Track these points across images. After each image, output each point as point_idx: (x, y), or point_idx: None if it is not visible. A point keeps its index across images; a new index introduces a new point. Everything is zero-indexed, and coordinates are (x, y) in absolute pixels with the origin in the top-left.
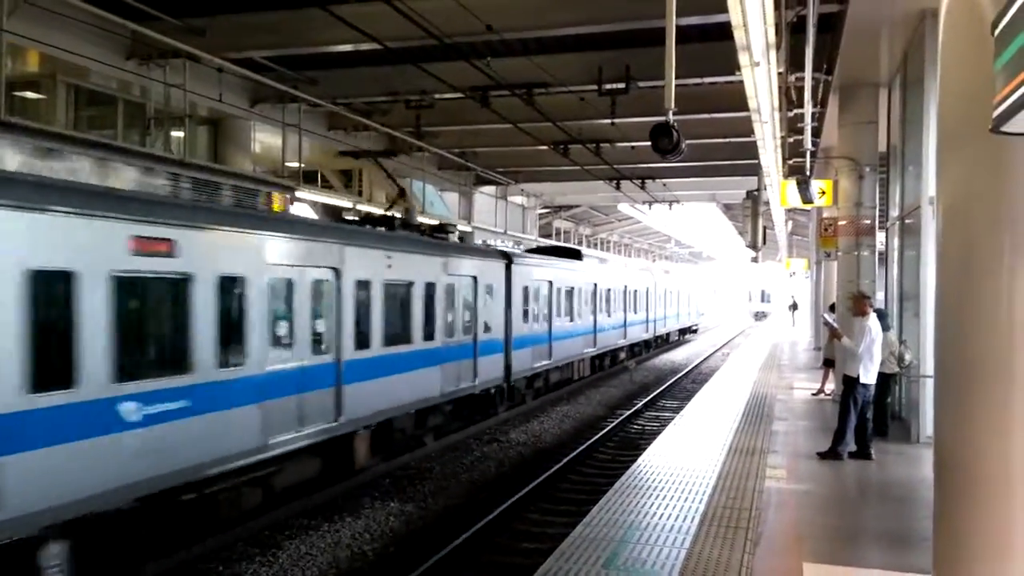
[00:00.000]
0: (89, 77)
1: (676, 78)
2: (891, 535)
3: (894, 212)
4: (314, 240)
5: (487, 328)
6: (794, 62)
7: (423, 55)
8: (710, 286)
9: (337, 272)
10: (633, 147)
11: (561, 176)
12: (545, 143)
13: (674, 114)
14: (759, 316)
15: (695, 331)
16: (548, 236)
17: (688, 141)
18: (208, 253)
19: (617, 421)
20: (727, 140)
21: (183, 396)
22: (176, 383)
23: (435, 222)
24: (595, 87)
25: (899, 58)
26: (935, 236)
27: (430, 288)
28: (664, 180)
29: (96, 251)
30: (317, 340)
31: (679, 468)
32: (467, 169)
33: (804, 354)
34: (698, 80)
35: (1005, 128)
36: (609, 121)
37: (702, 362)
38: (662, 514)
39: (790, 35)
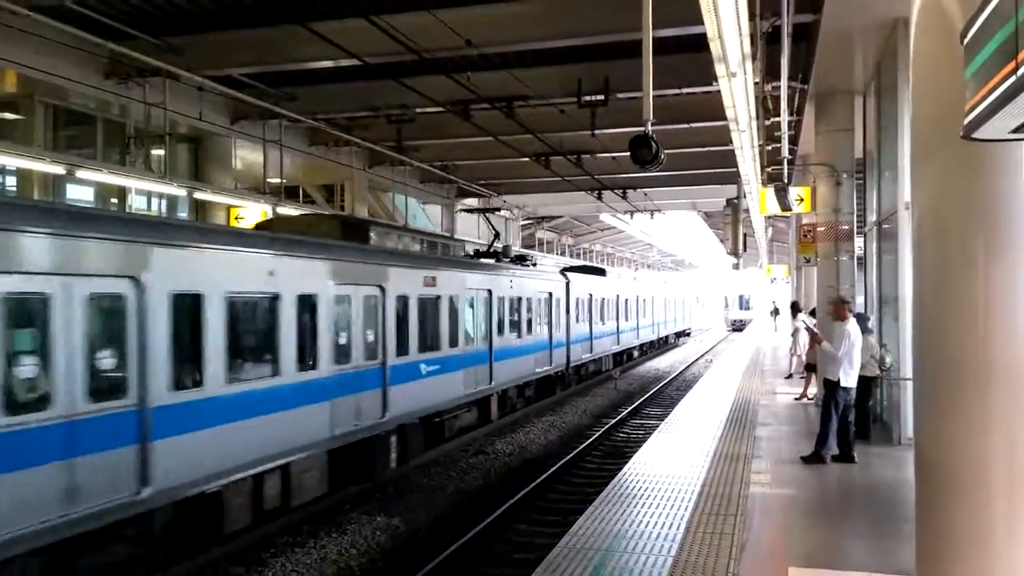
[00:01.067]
0: (68, 97)
1: (654, 89)
2: (875, 537)
3: (871, 217)
4: (485, 273)
5: (556, 328)
6: (770, 72)
7: (403, 70)
8: (695, 293)
9: (489, 292)
10: (614, 157)
11: (543, 187)
12: (526, 155)
13: (653, 125)
14: (737, 326)
15: (689, 334)
16: (531, 247)
17: (667, 151)
18: (457, 283)
19: (602, 430)
20: (706, 149)
21: (443, 362)
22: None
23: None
24: (575, 99)
25: (873, 66)
26: (911, 240)
27: (530, 300)
28: (645, 189)
29: (419, 283)
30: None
31: (665, 475)
32: (449, 182)
33: (787, 359)
34: (676, 91)
35: (976, 134)
36: (589, 132)
37: (686, 369)
38: (648, 522)
39: (765, 45)
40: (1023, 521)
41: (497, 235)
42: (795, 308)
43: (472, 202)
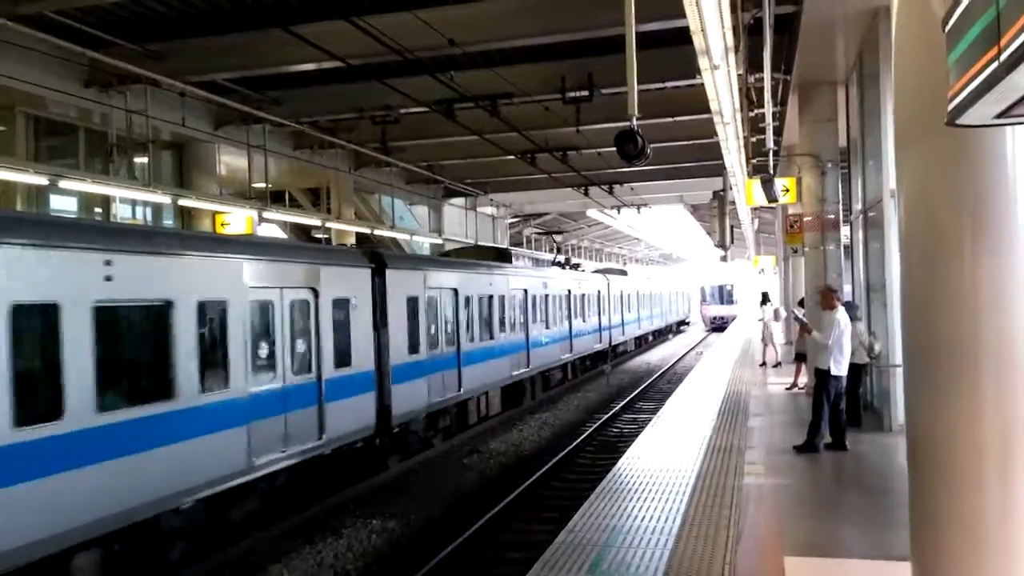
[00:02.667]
0: (48, 107)
1: (638, 84)
2: (870, 524)
3: (857, 206)
4: (568, 279)
5: (603, 316)
6: (753, 63)
7: (386, 71)
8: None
9: (570, 292)
10: (599, 153)
11: (529, 185)
12: (512, 153)
13: (638, 119)
14: (717, 324)
15: (688, 323)
16: (519, 244)
17: (653, 145)
18: (563, 284)
19: (595, 425)
20: (691, 142)
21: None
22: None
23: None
24: (559, 96)
25: (855, 56)
26: (898, 228)
27: (587, 295)
28: (631, 184)
29: (539, 285)
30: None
31: (659, 469)
32: (436, 182)
33: (782, 348)
34: (660, 85)
35: (960, 120)
36: (574, 129)
37: (677, 362)
38: (644, 516)
39: (748, 37)
40: (1017, 503)
41: (559, 250)
42: (765, 298)
43: (460, 201)
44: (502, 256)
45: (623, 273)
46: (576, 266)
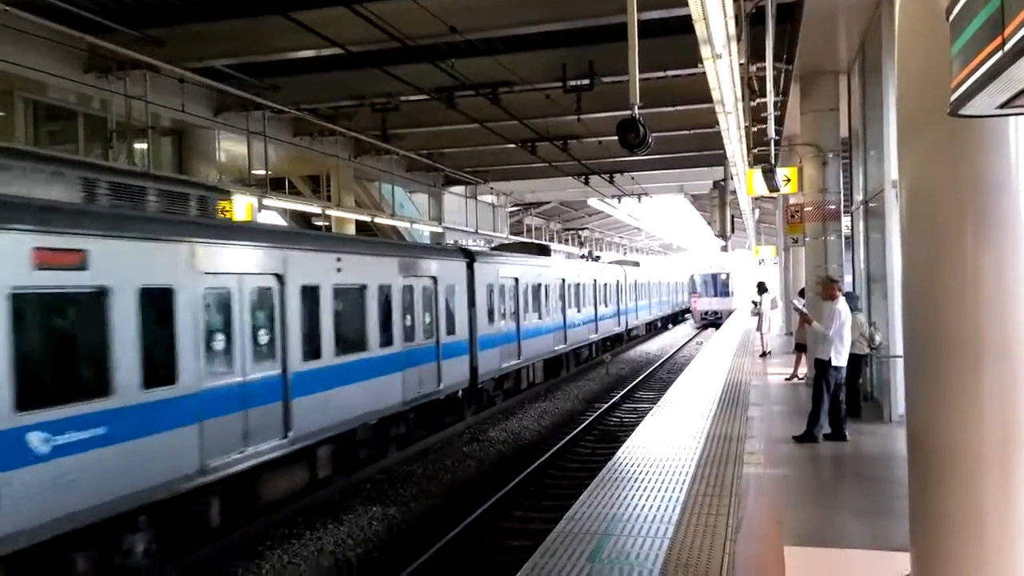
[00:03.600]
0: (47, 92)
1: (640, 72)
2: (869, 514)
3: (858, 196)
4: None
5: (621, 303)
6: (755, 52)
7: (387, 58)
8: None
9: (595, 281)
10: (600, 142)
11: (530, 174)
12: (512, 142)
13: (639, 108)
14: (709, 320)
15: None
16: (519, 233)
17: (654, 134)
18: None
19: (595, 415)
20: (692, 132)
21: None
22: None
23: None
24: (560, 84)
25: (857, 45)
26: (899, 218)
27: (615, 283)
28: (632, 173)
29: (575, 273)
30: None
31: (659, 458)
32: (436, 170)
33: (776, 339)
34: (661, 73)
35: (963, 111)
36: (575, 117)
37: (676, 352)
38: (644, 505)
39: (750, 26)
40: (1016, 494)
41: (583, 244)
42: (761, 288)
43: (460, 190)
44: (543, 251)
45: (636, 264)
46: (597, 259)
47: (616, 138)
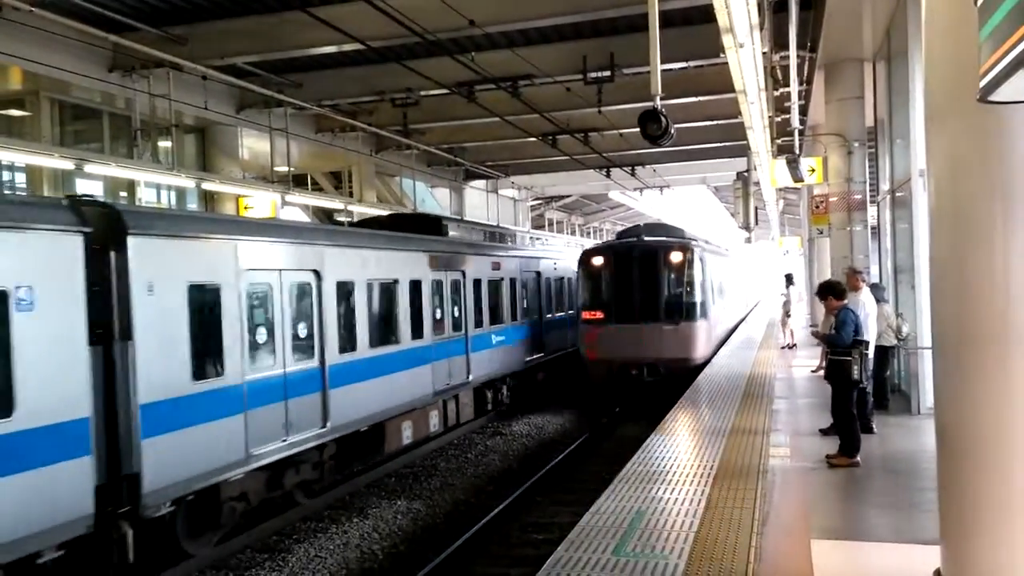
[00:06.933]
0: (72, 91)
1: (661, 63)
2: (897, 507)
3: (884, 186)
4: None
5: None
6: (778, 41)
7: (407, 53)
8: None
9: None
10: (621, 134)
11: (551, 167)
12: (533, 135)
13: (661, 99)
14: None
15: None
16: (541, 227)
17: (676, 125)
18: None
19: (619, 409)
20: (715, 123)
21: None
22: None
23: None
24: (580, 76)
25: (882, 32)
26: (927, 208)
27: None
28: (654, 166)
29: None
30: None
31: (683, 452)
32: (456, 164)
33: (802, 331)
34: (683, 64)
35: (993, 97)
36: (596, 110)
37: None
38: (669, 499)
39: (772, 14)
40: None
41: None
42: (789, 279)
43: (481, 184)
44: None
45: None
46: None
47: (638, 130)
